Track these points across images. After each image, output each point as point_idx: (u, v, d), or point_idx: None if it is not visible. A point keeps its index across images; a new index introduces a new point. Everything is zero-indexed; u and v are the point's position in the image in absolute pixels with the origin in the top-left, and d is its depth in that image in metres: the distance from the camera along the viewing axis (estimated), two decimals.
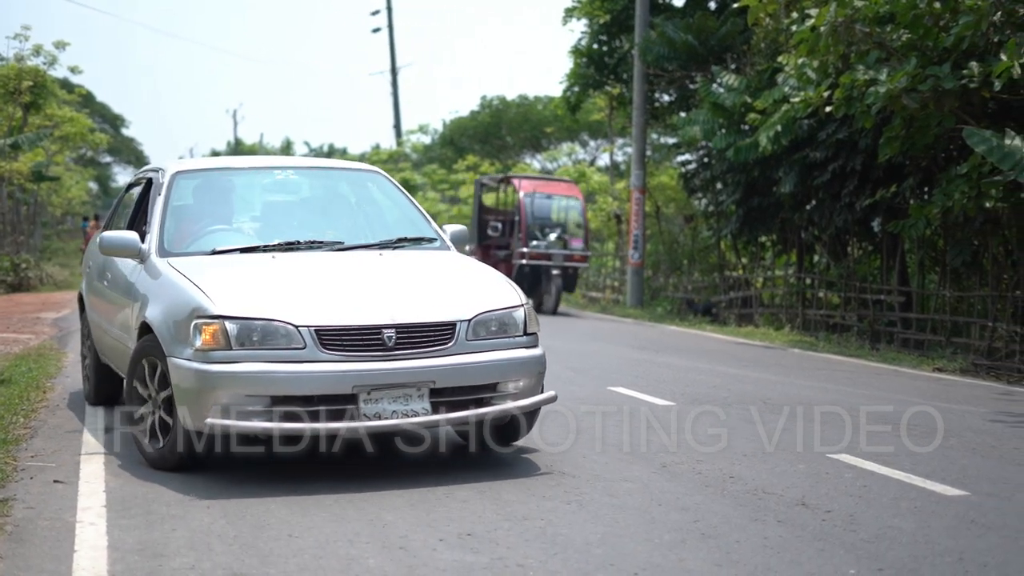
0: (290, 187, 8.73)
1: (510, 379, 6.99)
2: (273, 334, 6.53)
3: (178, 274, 7.11)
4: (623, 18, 25.73)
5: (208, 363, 6.50)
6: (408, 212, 8.48)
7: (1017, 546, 5.49)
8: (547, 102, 46.78)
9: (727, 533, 5.68)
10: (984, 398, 10.91)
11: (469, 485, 6.72)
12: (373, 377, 6.56)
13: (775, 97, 17.05)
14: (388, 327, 6.67)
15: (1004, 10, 13.27)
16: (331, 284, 7.09)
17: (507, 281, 7.54)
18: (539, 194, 24.27)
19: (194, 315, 6.63)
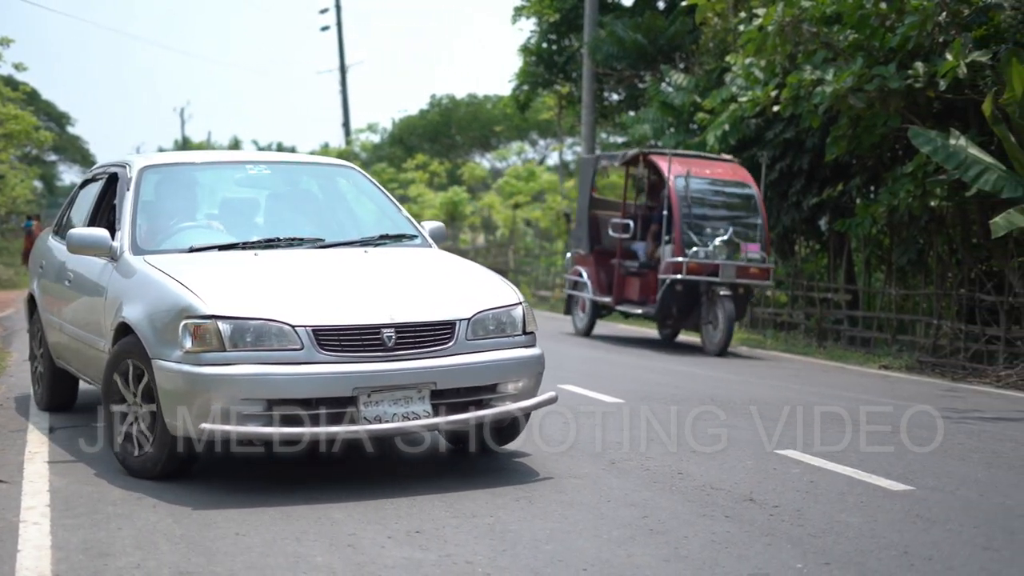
0: (263, 182, 8.39)
1: (510, 379, 6.80)
2: (268, 334, 6.24)
3: (159, 272, 6.77)
4: (572, 17, 25.79)
5: (200, 365, 6.17)
6: (386, 208, 8.25)
7: (961, 540, 5.54)
8: (496, 101, 46.81)
9: (675, 529, 5.70)
10: (929, 395, 11.02)
11: (418, 482, 6.69)
12: (374, 378, 6.31)
13: (723, 96, 17.16)
14: (387, 327, 6.43)
15: (949, 11, 13.42)
16: (323, 282, 6.84)
17: (501, 278, 7.35)
18: (697, 178, 15.69)
19: (183, 315, 6.29)
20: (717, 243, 14.73)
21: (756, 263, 14.86)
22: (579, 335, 17.37)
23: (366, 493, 6.35)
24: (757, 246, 14.99)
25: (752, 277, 14.86)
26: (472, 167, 42.66)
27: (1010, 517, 5.98)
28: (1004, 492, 6.54)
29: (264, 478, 6.79)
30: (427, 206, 36.30)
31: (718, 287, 14.66)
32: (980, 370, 12.89)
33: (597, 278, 16.93)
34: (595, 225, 17.47)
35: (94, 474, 6.75)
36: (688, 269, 14.78)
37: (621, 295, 16.44)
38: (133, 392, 6.65)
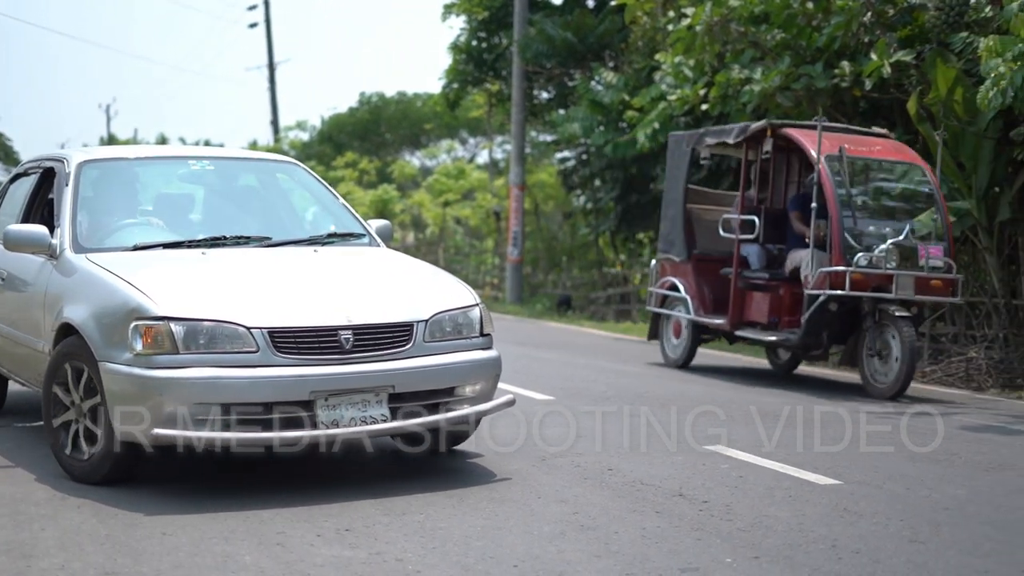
0: (206, 178, 8.13)
1: (468, 382, 6.69)
2: (222, 337, 6.05)
3: (105, 271, 6.51)
4: (502, 15, 25.79)
5: (151, 368, 5.95)
6: (331, 206, 8.05)
7: (888, 533, 5.59)
8: (426, 99, 46.69)
9: (606, 524, 5.70)
10: (857, 390, 11.12)
11: (347, 480, 6.65)
12: (331, 382, 6.15)
13: (652, 95, 17.25)
14: (345, 329, 6.27)
15: (874, 11, 13.57)
16: (276, 283, 6.64)
17: (456, 279, 7.23)
18: (855, 157, 11.48)
19: (132, 316, 6.06)
20: (888, 246, 10.76)
21: (940, 272, 10.88)
22: (672, 366, 12.99)
23: (295, 493, 6.29)
24: (940, 249, 10.94)
25: (935, 292, 10.87)
26: (402, 165, 42.54)
27: (935, 510, 6.05)
28: (930, 486, 6.62)
29: (191, 479, 6.71)
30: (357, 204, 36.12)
31: (891, 305, 10.75)
32: None
33: (699, 293, 12.68)
34: (691, 223, 13.23)
35: (16, 474, 6.64)
36: (854, 283, 10.71)
37: (740, 316, 12.20)
38: (77, 395, 6.43)
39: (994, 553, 5.27)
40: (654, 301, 13.43)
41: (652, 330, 13.66)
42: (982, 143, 12.37)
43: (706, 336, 12.89)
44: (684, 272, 12.93)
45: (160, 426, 5.93)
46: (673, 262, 13.16)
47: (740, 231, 12.13)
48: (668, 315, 13.12)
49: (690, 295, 12.68)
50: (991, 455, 7.61)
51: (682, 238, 12.99)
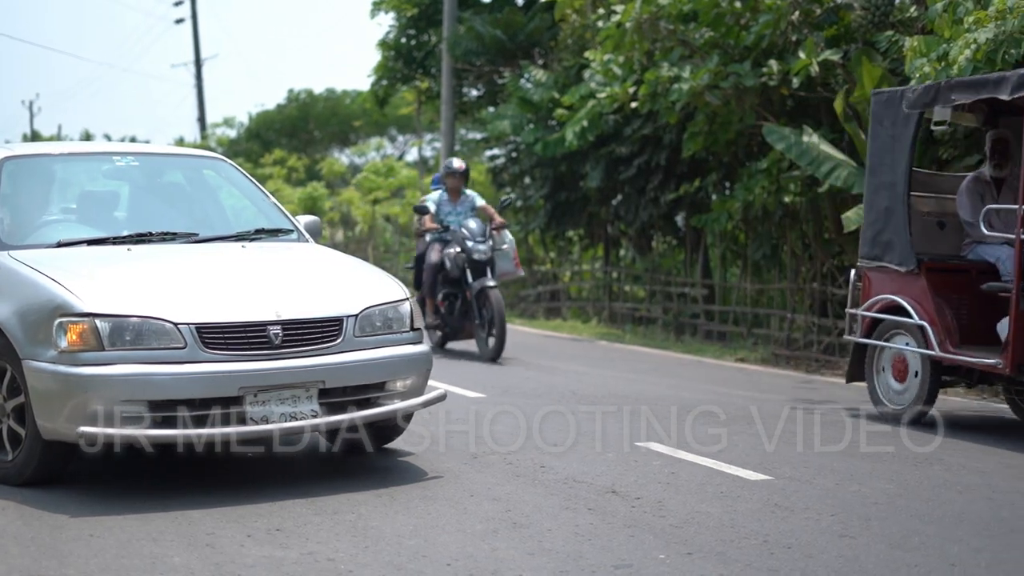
0: (131, 174, 8.01)
1: (399, 377, 6.67)
2: (150, 333, 5.99)
3: (27, 268, 6.43)
4: (431, 12, 25.70)
5: (76, 366, 5.89)
6: (259, 202, 7.99)
7: (819, 527, 5.63)
8: (355, 96, 46.48)
9: (539, 522, 5.69)
10: (785, 386, 11.22)
11: (277, 480, 6.60)
12: (260, 378, 6.11)
13: (582, 93, 17.24)
14: (274, 324, 6.23)
15: (802, 10, 13.67)
16: (204, 278, 6.61)
17: (386, 274, 7.20)
18: None
19: (57, 313, 5.99)
20: None
21: None
22: (894, 420, 8.95)
23: (225, 493, 6.23)
24: None
25: None
26: (331, 162, 42.24)
27: (865, 504, 6.10)
28: (859, 480, 6.68)
29: (118, 479, 6.62)
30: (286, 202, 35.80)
31: None
32: (833, 362, 13.18)
33: (940, 317, 8.87)
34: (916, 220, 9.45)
35: None
36: None
37: None
38: (2, 397, 6.33)
39: (923, 547, 5.33)
40: (860, 328, 9.55)
41: (854, 370, 9.68)
42: None
43: (948, 378, 9.13)
44: (911, 287, 9.12)
45: (87, 424, 5.85)
46: (889, 273, 9.35)
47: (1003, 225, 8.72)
48: (884, 348, 9.26)
49: (927, 320, 8.83)
50: (918, 450, 7.68)
51: (906, 239, 9.13)
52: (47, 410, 5.99)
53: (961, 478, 6.78)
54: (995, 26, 9.38)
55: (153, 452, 6.51)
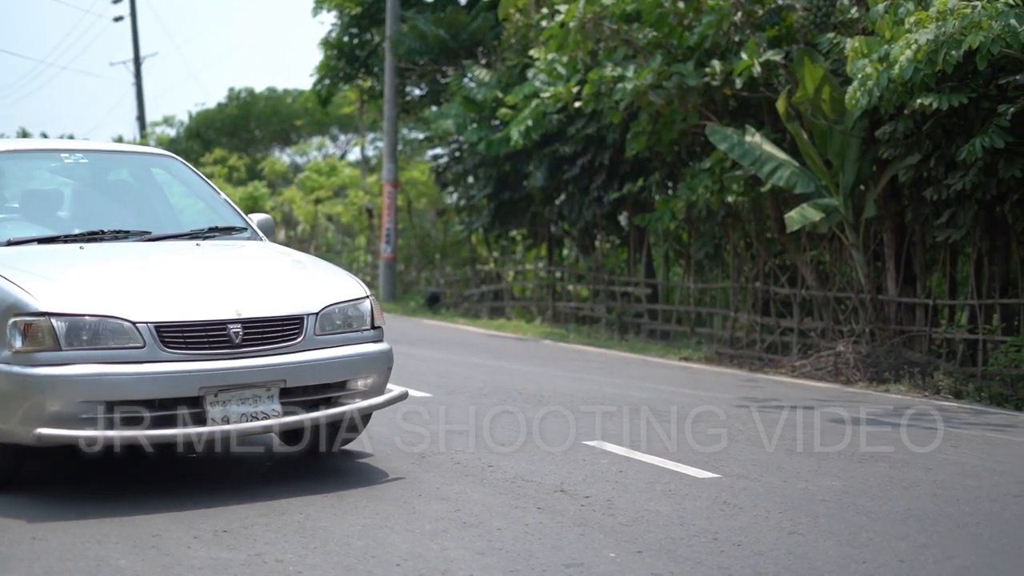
0: (79, 172, 7.85)
1: (360, 376, 6.58)
2: (107, 332, 5.85)
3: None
4: (374, 11, 25.63)
5: (32, 366, 5.73)
6: (210, 199, 7.85)
7: (767, 525, 5.65)
8: (296, 95, 46.23)
9: (488, 521, 5.67)
10: (729, 385, 11.27)
11: (224, 481, 6.53)
12: (220, 377, 5.99)
13: (526, 92, 17.27)
14: (234, 322, 6.11)
15: (744, 11, 13.76)
16: (161, 277, 6.49)
17: (345, 272, 7.11)
18: None
19: (10, 313, 5.83)
20: None
21: None
22: None
23: (170, 494, 6.15)
24: None
25: None
26: (272, 162, 42.01)
27: (813, 502, 6.13)
28: (806, 478, 6.71)
29: (62, 481, 6.53)
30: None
31: None
32: (776, 360, 13.25)
33: None
34: None
35: None
36: None
37: None
38: None
39: (871, 543, 5.36)
40: None
41: None
42: (848, 142, 12.61)
43: None
44: None
45: (44, 426, 5.71)
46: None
47: None
48: None
49: None
50: (863, 447, 7.74)
51: None
52: (1, 411, 5.84)
53: (907, 475, 6.83)
54: (936, 27, 9.48)
55: (119, 453, 6.41)
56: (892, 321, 12.71)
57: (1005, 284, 12.11)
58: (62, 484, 6.44)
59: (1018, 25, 9.15)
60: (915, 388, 10.94)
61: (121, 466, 6.85)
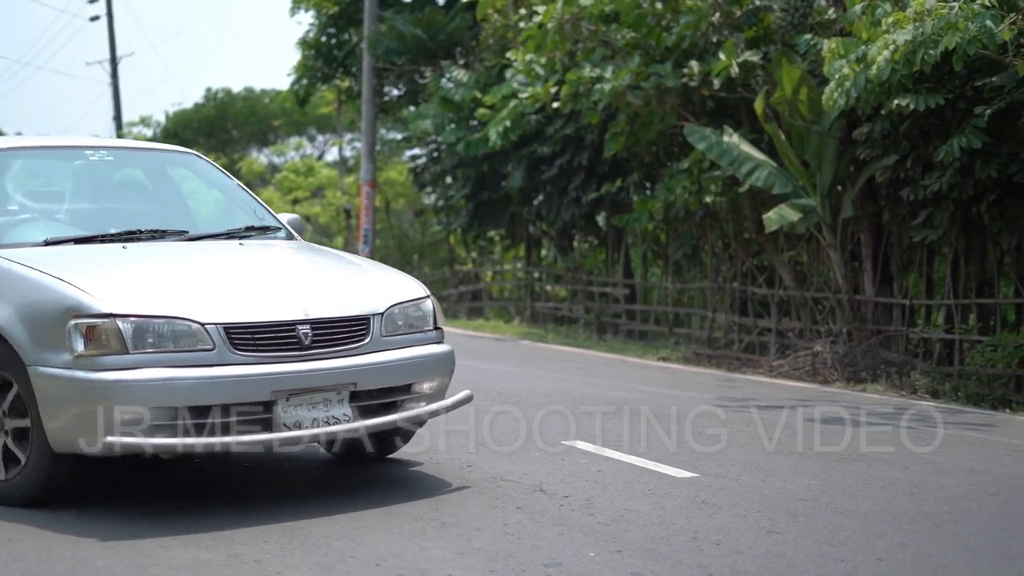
0: (104, 169, 7.49)
1: (427, 378, 6.33)
2: (175, 334, 5.53)
3: (24, 267, 5.88)
4: (352, 11, 25.58)
5: (97, 371, 5.39)
6: (239, 198, 7.54)
7: (747, 524, 5.66)
8: (274, 95, 46.11)
9: (467, 521, 5.66)
10: (708, 385, 11.29)
11: (201, 482, 6.51)
12: (292, 380, 5.70)
13: (504, 92, 17.27)
14: (303, 323, 5.82)
15: (722, 12, 13.79)
16: (218, 277, 6.19)
17: (401, 272, 6.85)
18: None
19: (69, 315, 5.48)
20: None
21: None
22: None
23: (148, 495, 6.13)
24: None
25: None
26: (250, 162, 41.96)
27: (791, 501, 6.14)
28: (784, 477, 6.72)
29: None
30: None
31: None
32: (754, 360, 13.29)
33: None
34: None
35: None
36: None
37: None
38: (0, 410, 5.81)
39: (849, 541, 5.37)
40: None
41: None
42: (826, 142, 12.66)
43: None
44: None
45: (111, 434, 5.39)
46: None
47: None
48: None
49: None
50: (841, 446, 7.76)
51: None
52: (61, 420, 5.50)
53: (884, 474, 6.85)
54: (913, 27, 9.51)
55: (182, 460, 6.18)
56: (869, 321, 12.76)
57: (981, 284, 12.16)
58: None
59: (994, 26, 9.19)
60: (892, 388, 10.98)
61: (95, 468, 6.81)
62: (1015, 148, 10.80)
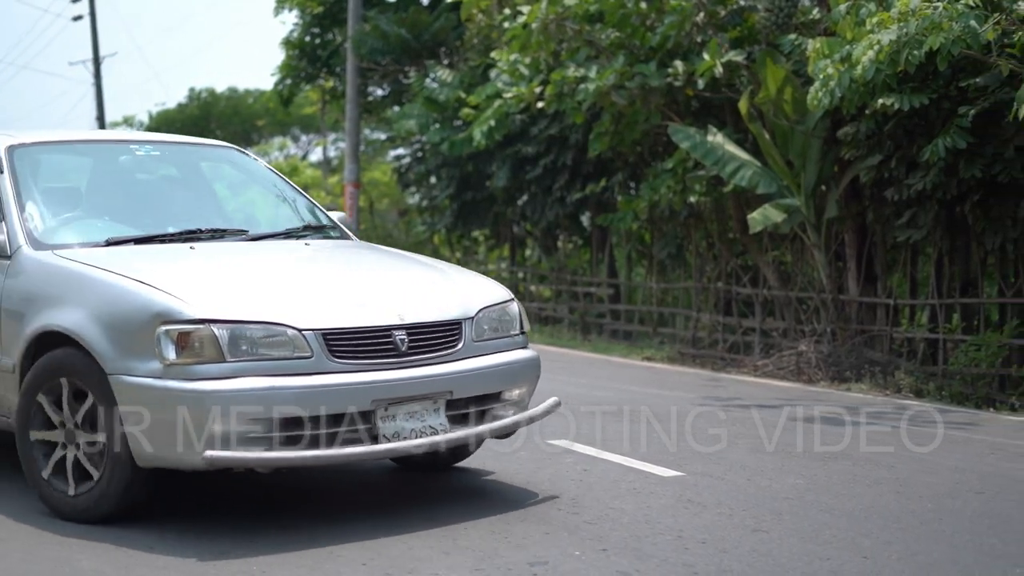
0: (151, 165, 7.16)
1: (517, 385, 6.07)
2: (272, 341, 5.23)
3: (98, 270, 5.56)
4: (336, 10, 25.53)
5: (192, 380, 5.08)
6: (287, 194, 7.22)
7: (732, 523, 5.67)
8: (258, 95, 46.06)
9: (454, 520, 5.66)
10: (692, 384, 11.30)
11: (184, 482, 6.48)
12: (391, 389, 5.41)
13: (488, 92, 17.24)
14: (399, 328, 5.53)
15: (706, 11, 13.80)
16: (303, 280, 5.92)
17: (479, 274, 6.62)
18: None
19: (157, 321, 5.15)
20: None
21: None
22: None
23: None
24: None
25: None
26: None
27: (777, 499, 6.15)
28: (769, 476, 6.73)
29: (20, 481, 6.45)
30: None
31: None
32: (738, 360, 13.30)
33: None
34: None
35: None
36: None
37: None
38: (70, 419, 5.47)
39: (834, 540, 5.38)
40: None
41: None
42: (810, 142, 12.67)
43: None
44: None
45: (212, 448, 5.09)
46: None
47: None
48: None
49: None
50: (826, 446, 7.77)
51: None
52: (150, 433, 5.17)
53: (869, 472, 6.87)
54: (898, 27, 9.53)
55: None
56: (853, 321, 12.78)
57: (965, 284, 12.19)
58: (20, 484, 6.37)
59: (978, 27, 9.21)
60: (876, 387, 11.00)
61: None
62: (999, 148, 10.83)
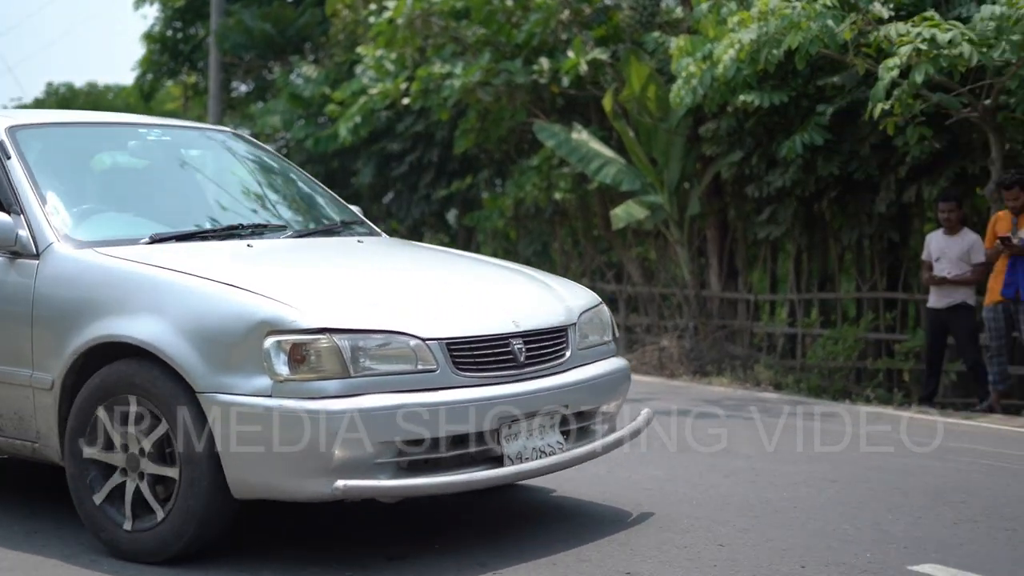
0: (162, 151, 6.35)
1: (616, 397, 5.54)
2: (395, 353, 4.61)
3: (177, 273, 4.84)
4: (198, 4, 25.13)
5: (312, 399, 4.42)
6: (307, 184, 6.55)
7: (592, 515, 5.67)
8: (118, 91, 45.19)
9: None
10: None
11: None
12: (517, 404, 4.83)
13: (354, 88, 17.12)
14: (515, 336, 4.95)
15: (572, 9, 13.87)
16: (400, 283, 5.31)
17: (548, 273, 6.06)
18: None
19: (263, 330, 4.47)
20: None
21: None
22: None
23: None
24: None
25: None
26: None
27: (636, 491, 6.16)
28: (630, 468, 6.75)
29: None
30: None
31: None
32: None
33: None
34: None
35: None
36: None
37: None
38: (136, 443, 4.74)
39: (692, 529, 5.42)
40: None
41: None
42: (673, 140, 12.81)
43: None
44: None
45: (342, 476, 4.46)
46: None
47: None
48: None
49: None
50: (685, 438, 7.83)
51: None
52: (256, 460, 4.50)
53: (727, 463, 6.94)
54: (758, 27, 9.67)
55: None
56: (715, 316, 12.96)
57: (823, 279, 12.45)
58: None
59: (835, 26, 9.40)
60: (737, 381, 11.15)
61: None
62: (855, 146, 11.08)
